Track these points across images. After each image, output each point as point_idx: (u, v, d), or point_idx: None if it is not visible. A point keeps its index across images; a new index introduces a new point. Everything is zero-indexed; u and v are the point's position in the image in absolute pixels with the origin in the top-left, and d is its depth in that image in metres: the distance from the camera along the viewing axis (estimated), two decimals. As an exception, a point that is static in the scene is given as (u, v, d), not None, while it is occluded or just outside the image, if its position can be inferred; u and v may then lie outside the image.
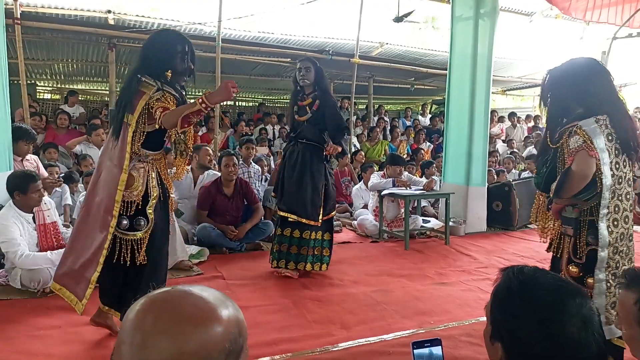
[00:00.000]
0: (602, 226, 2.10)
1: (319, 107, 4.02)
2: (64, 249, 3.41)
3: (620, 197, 2.14)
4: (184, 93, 2.68)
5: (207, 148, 5.42)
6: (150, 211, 2.56)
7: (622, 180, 2.15)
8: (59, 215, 4.10)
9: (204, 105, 2.39)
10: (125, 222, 2.52)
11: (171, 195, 2.82)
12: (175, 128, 2.43)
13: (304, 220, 3.96)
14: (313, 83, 4.07)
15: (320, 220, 4.01)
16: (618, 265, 2.14)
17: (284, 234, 4.04)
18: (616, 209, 2.13)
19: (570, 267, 2.18)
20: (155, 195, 2.57)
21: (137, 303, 0.73)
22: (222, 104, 11.14)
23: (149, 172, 2.57)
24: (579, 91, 2.18)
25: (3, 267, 3.82)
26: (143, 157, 2.56)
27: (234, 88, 2.44)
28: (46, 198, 3.84)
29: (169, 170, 2.84)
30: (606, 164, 2.09)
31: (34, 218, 3.59)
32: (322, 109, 4.02)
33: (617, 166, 2.13)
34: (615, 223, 2.12)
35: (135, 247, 2.55)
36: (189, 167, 5.37)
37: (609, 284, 2.12)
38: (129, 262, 2.55)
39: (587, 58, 2.28)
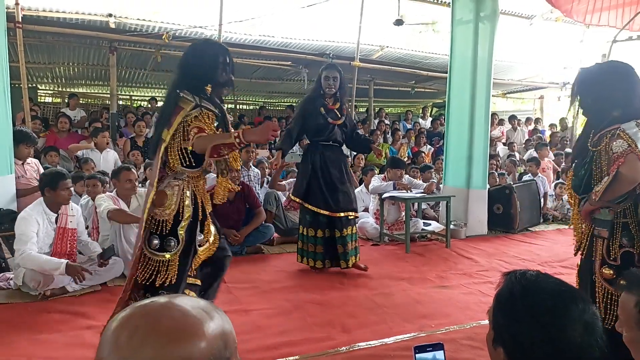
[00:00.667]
0: None
1: (346, 113, 4.34)
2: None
3: None
4: (224, 107, 2.60)
5: None
6: (181, 232, 2.41)
7: None
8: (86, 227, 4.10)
9: (237, 140, 2.24)
10: (156, 241, 2.40)
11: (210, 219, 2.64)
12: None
13: (357, 215, 4.39)
14: (337, 90, 4.29)
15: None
16: None
17: (348, 232, 4.25)
18: None
19: (604, 270, 2.18)
20: (187, 215, 2.43)
21: (116, 317, 0.69)
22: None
23: (183, 190, 2.43)
24: (617, 93, 2.18)
25: (2, 272, 3.84)
26: (179, 175, 2.43)
27: (274, 131, 2.30)
28: (74, 205, 3.89)
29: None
30: None
31: (56, 219, 3.64)
32: (347, 115, 4.37)
33: None
34: None
35: (160, 269, 2.40)
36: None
37: None
38: (148, 283, 2.42)
39: (622, 62, 2.30)
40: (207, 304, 0.73)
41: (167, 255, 2.39)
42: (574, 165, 2.37)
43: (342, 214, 4.21)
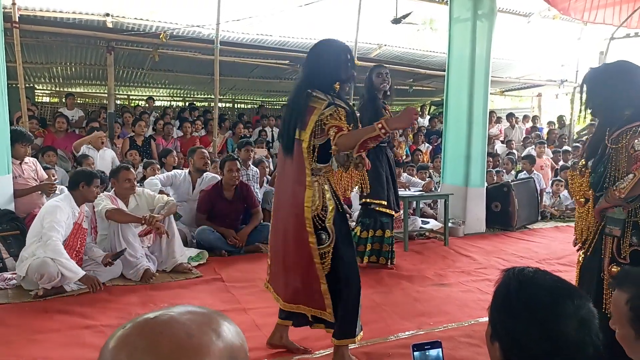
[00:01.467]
0: None
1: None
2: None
3: None
4: (351, 103, 2.64)
5: (203, 150, 5.39)
6: (329, 224, 2.48)
7: None
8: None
9: (382, 130, 2.30)
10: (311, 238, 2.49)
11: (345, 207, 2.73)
12: (350, 151, 2.43)
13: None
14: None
15: None
16: None
17: (386, 234, 4.37)
18: None
19: (612, 268, 2.18)
20: (332, 208, 2.49)
21: (115, 334, 0.64)
22: (220, 106, 11.13)
23: (322, 185, 2.50)
24: (628, 93, 2.19)
25: (1, 272, 3.84)
26: (316, 171, 2.49)
27: (416, 115, 2.40)
28: (85, 207, 3.95)
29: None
30: None
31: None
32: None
33: None
34: None
35: (326, 260, 2.50)
36: (179, 171, 5.36)
37: None
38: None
39: (629, 61, 2.31)
40: (219, 319, 0.67)
41: (323, 248, 2.47)
42: (591, 162, 2.35)
43: (399, 213, 4.46)
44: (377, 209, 4.28)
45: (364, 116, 4.33)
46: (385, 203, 4.29)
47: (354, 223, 5.96)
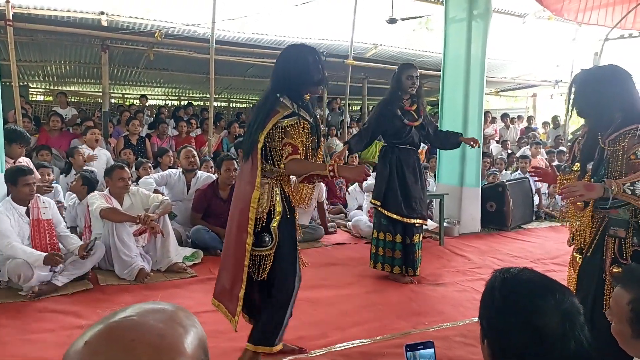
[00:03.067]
0: None
1: (424, 114, 4.21)
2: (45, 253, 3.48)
3: None
4: (317, 113, 2.61)
5: (189, 150, 5.31)
6: (274, 227, 2.45)
7: None
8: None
9: (332, 174, 2.33)
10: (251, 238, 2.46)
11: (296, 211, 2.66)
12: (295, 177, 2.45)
13: (426, 223, 4.30)
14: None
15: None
16: None
17: (413, 241, 4.10)
18: None
19: (613, 268, 2.19)
20: (279, 211, 2.45)
21: (75, 350, 0.61)
22: (216, 105, 11.11)
23: (273, 187, 2.47)
24: (618, 96, 2.20)
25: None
26: (268, 173, 2.46)
27: (367, 176, 2.43)
28: (46, 198, 3.92)
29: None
30: None
31: (28, 213, 3.67)
32: (425, 116, 4.23)
33: None
34: None
35: (260, 264, 2.46)
36: (174, 171, 5.32)
37: None
38: (258, 278, 2.47)
39: (619, 66, 2.32)
40: (179, 313, 0.66)
41: (264, 251, 2.45)
42: (590, 165, 2.34)
43: (413, 221, 4.08)
44: (378, 208, 4.18)
45: (374, 114, 4.30)
46: (379, 203, 4.14)
47: (350, 223, 6.00)
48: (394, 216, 4.06)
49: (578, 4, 6.60)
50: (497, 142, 10.16)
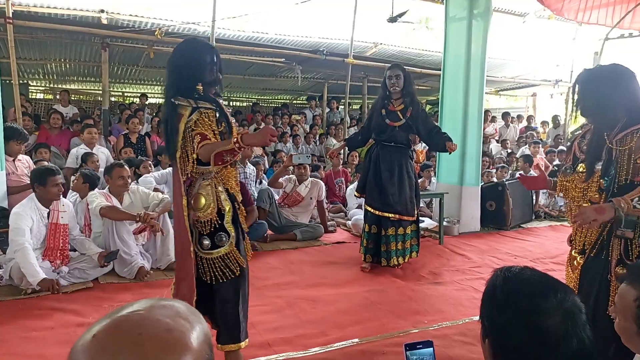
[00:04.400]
0: None
1: (412, 114, 4.27)
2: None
3: None
4: (221, 102, 2.54)
5: None
6: (228, 224, 2.44)
7: None
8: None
9: (237, 145, 2.30)
10: (206, 242, 2.41)
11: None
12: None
13: (405, 218, 4.32)
14: (402, 89, 4.27)
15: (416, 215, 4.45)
16: None
17: (390, 233, 4.31)
18: None
19: (618, 270, 2.18)
20: (229, 208, 2.44)
21: (83, 344, 0.61)
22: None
23: (215, 187, 2.43)
24: (622, 95, 2.19)
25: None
26: (206, 175, 2.43)
27: (273, 137, 2.37)
28: (65, 200, 3.93)
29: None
30: None
31: (48, 215, 3.67)
32: (416, 116, 4.27)
33: None
34: None
35: (222, 264, 2.41)
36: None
37: None
38: (214, 281, 2.42)
39: (623, 65, 2.30)
40: (184, 309, 0.67)
41: (223, 250, 2.42)
42: (599, 166, 2.30)
43: (386, 214, 4.27)
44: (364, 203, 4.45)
45: (368, 112, 4.54)
46: (357, 194, 4.60)
47: (349, 221, 6.00)
48: (368, 208, 4.38)
49: (578, 3, 6.60)
50: (497, 141, 10.16)
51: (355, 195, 4.61)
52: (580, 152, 2.43)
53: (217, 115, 2.41)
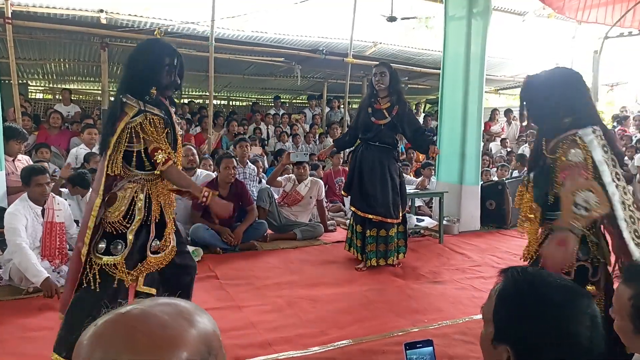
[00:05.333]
0: (628, 239, 1.99)
1: (398, 113, 4.23)
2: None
3: (630, 207, 2.04)
4: (173, 109, 2.47)
5: (188, 148, 5.23)
6: (130, 235, 2.31)
7: (626, 191, 2.06)
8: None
9: (204, 199, 2.34)
10: (101, 245, 2.29)
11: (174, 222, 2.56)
12: (170, 180, 2.39)
13: (388, 220, 4.25)
14: (388, 87, 4.26)
15: (400, 217, 4.37)
16: None
17: (371, 234, 4.31)
18: (632, 219, 2.03)
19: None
20: (138, 219, 2.32)
21: (88, 331, 0.64)
22: (215, 103, 11.10)
23: (137, 193, 2.33)
24: (567, 100, 2.14)
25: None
26: (133, 178, 2.35)
27: (229, 216, 2.56)
28: (60, 199, 3.91)
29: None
30: (607, 176, 2.02)
31: (43, 213, 3.65)
32: (401, 115, 4.24)
33: (618, 177, 2.06)
34: (637, 234, 2.03)
35: (102, 273, 2.26)
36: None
37: None
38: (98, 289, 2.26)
39: (570, 68, 2.28)
40: (189, 308, 0.68)
41: (111, 259, 2.28)
42: (532, 174, 2.28)
43: (368, 215, 4.27)
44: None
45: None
46: (344, 193, 4.66)
47: (349, 221, 5.98)
48: (352, 208, 4.44)
49: (578, 2, 6.61)
50: (494, 139, 10.14)
51: (342, 195, 4.64)
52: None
53: (163, 123, 2.32)
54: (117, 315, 0.64)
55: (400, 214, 4.37)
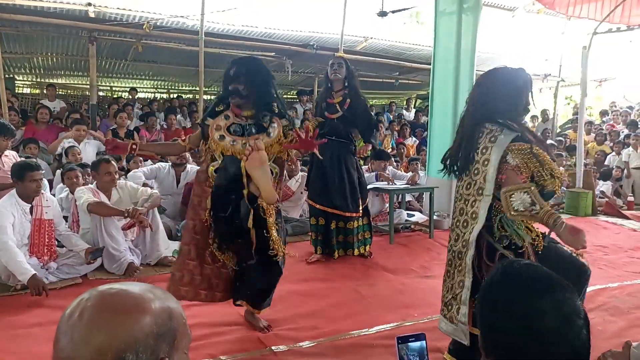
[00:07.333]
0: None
1: (350, 106, 4.21)
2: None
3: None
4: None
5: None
6: None
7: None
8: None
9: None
10: None
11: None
12: None
13: (346, 214, 4.29)
14: (343, 80, 4.24)
15: (360, 210, 4.37)
16: None
17: (330, 227, 4.35)
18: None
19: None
20: None
21: (70, 305, 0.81)
22: (205, 98, 11.03)
23: None
24: (514, 101, 2.29)
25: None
26: None
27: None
28: (48, 195, 3.87)
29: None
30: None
31: (31, 210, 3.59)
32: (354, 108, 4.22)
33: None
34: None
35: None
36: (163, 164, 5.22)
37: None
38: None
39: (498, 68, 2.42)
40: (159, 291, 0.85)
41: None
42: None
43: (326, 208, 4.30)
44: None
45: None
46: (305, 188, 4.64)
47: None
48: (309, 201, 4.45)
49: (569, -3, 6.65)
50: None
51: (304, 189, 4.64)
52: None
53: None
54: (100, 291, 0.82)
55: (361, 208, 4.40)
